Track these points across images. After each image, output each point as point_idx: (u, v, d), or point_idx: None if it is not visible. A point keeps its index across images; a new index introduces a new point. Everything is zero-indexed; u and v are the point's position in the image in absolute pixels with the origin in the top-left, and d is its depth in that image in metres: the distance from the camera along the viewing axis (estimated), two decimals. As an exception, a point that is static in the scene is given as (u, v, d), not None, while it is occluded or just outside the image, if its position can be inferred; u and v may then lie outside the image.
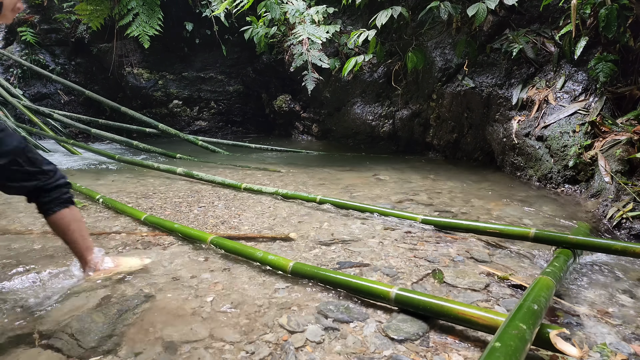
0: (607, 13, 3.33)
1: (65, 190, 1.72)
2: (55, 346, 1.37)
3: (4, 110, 6.48)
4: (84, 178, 4.07)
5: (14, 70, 7.34)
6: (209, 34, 7.40)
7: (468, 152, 5.19)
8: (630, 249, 1.90)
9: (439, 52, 5.13)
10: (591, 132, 3.47)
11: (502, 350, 1.08)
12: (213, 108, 8.10)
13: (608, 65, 3.48)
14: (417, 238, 2.41)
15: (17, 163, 1.58)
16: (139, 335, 1.43)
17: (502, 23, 4.64)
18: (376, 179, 4.12)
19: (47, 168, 1.67)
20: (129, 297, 1.68)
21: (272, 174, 4.33)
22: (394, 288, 1.59)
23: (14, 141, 1.58)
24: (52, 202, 1.68)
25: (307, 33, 5.29)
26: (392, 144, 6.14)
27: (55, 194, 1.69)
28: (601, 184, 3.12)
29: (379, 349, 1.36)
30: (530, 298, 1.37)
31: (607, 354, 1.32)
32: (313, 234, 2.48)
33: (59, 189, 1.70)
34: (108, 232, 2.48)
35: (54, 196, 1.69)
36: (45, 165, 1.67)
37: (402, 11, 4.55)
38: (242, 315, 1.56)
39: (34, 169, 1.63)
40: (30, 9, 7.61)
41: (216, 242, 2.20)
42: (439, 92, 5.12)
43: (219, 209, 3.01)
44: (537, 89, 4.15)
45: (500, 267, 2.03)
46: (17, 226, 2.59)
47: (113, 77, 7.64)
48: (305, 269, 1.84)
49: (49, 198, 1.68)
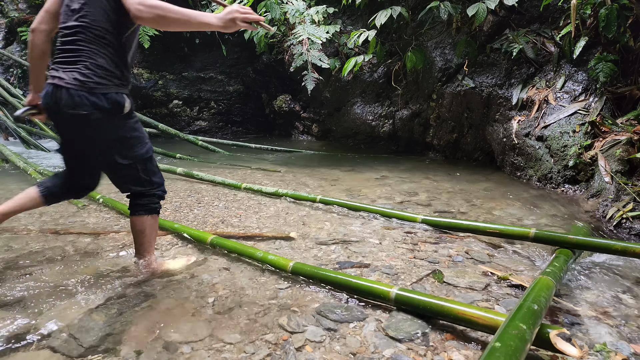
0: (607, 13, 3.33)
1: (157, 201, 1.88)
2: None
3: (4, 110, 6.47)
4: (84, 178, 4.07)
5: (14, 70, 7.34)
6: (209, 34, 7.40)
7: (468, 152, 5.19)
8: (630, 249, 1.90)
9: (439, 52, 5.13)
10: (591, 132, 3.47)
11: (502, 350, 1.08)
12: (213, 108, 8.10)
13: (608, 65, 3.48)
14: (417, 238, 2.41)
15: (135, 168, 1.78)
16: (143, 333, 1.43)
17: (502, 23, 4.64)
18: (376, 179, 4.12)
19: (155, 180, 1.86)
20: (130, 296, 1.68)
21: (272, 174, 4.33)
22: (394, 288, 1.59)
23: (142, 150, 1.79)
24: (143, 206, 1.85)
25: (307, 33, 5.29)
26: (392, 144, 6.14)
27: (148, 200, 1.85)
28: (601, 184, 3.12)
29: (379, 348, 1.36)
30: (530, 298, 1.37)
31: (607, 354, 1.32)
32: (313, 233, 2.48)
33: (153, 198, 1.87)
34: (108, 232, 2.48)
35: (146, 202, 1.85)
36: (154, 177, 1.86)
37: (401, 11, 4.55)
38: (242, 315, 1.56)
39: (145, 178, 1.83)
40: (30, 9, 7.60)
41: (216, 242, 2.20)
42: (439, 92, 5.12)
43: (219, 209, 3.01)
44: (537, 89, 4.15)
45: (500, 267, 2.03)
46: (16, 225, 2.59)
47: (113, 77, 7.63)
48: (305, 269, 1.84)
49: (142, 202, 1.85)
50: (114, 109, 1.66)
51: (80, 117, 1.62)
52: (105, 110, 1.64)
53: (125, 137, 1.74)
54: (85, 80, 1.61)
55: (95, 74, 1.63)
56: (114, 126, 1.70)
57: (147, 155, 1.81)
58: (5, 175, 4.19)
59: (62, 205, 3.07)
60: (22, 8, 7.62)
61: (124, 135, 1.73)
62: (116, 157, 1.74)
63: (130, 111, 1.74)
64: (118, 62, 1.69)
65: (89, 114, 1.62)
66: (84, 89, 1.61)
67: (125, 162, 1.75)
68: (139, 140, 1.78)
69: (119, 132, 1.72)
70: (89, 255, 2.14)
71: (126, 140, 1.74)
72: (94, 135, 1.70)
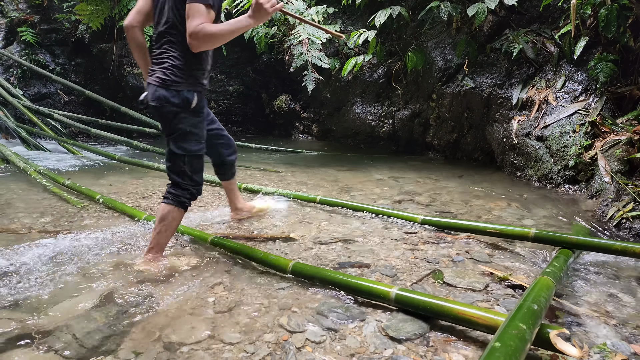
0: (607, 13, 3.33)
1: (188, 196, 2.05)
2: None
3: (4, 110, 6.48)
4: (84, 178, 4.07)
5: (14, 70, 7.34)
6: (209, 34, 7.40)
7: (468, 152, 5.19)
8: (630, 249, 1.90)
9: (439, 52, 5.13)
10: (591, 132, 3.47)
11: (502, 350, 1.08)
12: (213, 108, 8.10)
13: (608, 65, 3.48)
14: (417, 238, 2.41)
15: (183, 160, 2.01)
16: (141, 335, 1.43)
17: (502, 23, 4.64)
18: (376, 179, 4.12)
19: (195, 178, 2.07)
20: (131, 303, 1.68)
21: (272, 174, 4.33)
22: (394, 288, 1.59)
23: (195, 147, 2.02)
24: (174, 196, 2.03)
25: (307, 33, 5.30)
26: (392, 144, 6.14)
27: (180, 193, 2.03)
28: (601, 184, 3.12)
29: (379, 348, 1.36)
30: (530, 298, 1.37)
31: (607, 354, 1.33)
32: (313, 234, 2.48)
33: (185, 192, 2.04)
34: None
35: (178, 193, 2.03)
36: (195, 176, 2.07)
37: (401, 11, 4.55)
38: (242, 315, 1.56)
39: (187, 172, 2.03)
40: (30, 9, 7.61)
41: (216, 242, 2.20)
42: (439, 92, 5.12)
43: (219, 209, 3.01)
44: (537, 89, 4.15)
45: (500, 267, 2.03)
46: (16, 226, 2.59)
47: (113, 77, 7.64)
48: (305, 269, 1.84)
49: (175, 192, 2.03)
50: (183, 104, 1.94)
51: (157, 108, 1.95)
52: (175, 105, 1.93)
53: (185, 131, 1.98)
54: (165, 78, 1.91)
55: (173, 74, 1.92)
56: (179, 119, 1.96)
57: (198, 153, 2.04)
58: (5, 175, 4.20)
59: (62, 206, 3.07)
60: (22, 8, 7.62)
61: (185, 129, 1.98)
62: (173, 146, 1.99)
63: (196, 108, 1.98)
64: (192, 65, 1.96)
65: (163, 106, 1.93)
66: (163, 85, 1.92)
67: (178, 152, 1.99)
68: (195, 137, 2.02)
69: (179, 125, 1.97)
70: (89, 255, 2.15)
71: (185, 134, 1.99)
72: (166, 124, 1.99)
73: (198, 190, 2.09)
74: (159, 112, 1.97)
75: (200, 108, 2.02)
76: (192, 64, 1.95)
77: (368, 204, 2.96)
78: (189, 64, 1.94)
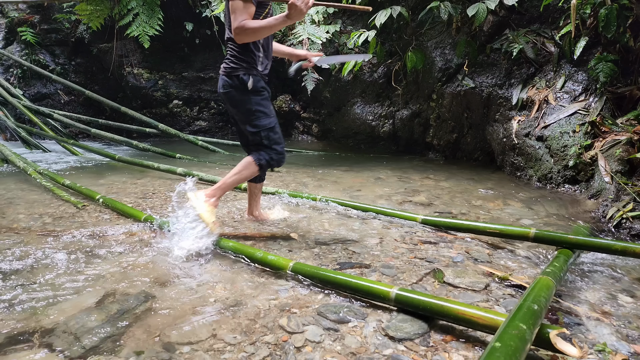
0: (607, 13, 3.33)
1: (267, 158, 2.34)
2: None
3: (4, 110, 6.47)
4: (84, 178, 4.07)
5: (14, 70, 7.34)
6: (209, 34, 7.39)
7: (468, 152, 5.19)
8: (630, 249, 1.90)
9: (439, 52, 5.13)
10: (591, 132, 3.47)
11: (502, 350, 1.08)
12: (213, 108, 8.10)
13: (608, 65, 3.48)
14: (417, 238, 2.41)
15: (259, 135, 2.31)
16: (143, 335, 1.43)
17: (502, 23, 4.64)
18: (376, 179, 4.12)
19: (275, 147, 2.34)
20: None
21: (272, 174, 4.33)
22: (394, 288, 1.59)
23: (265, 121, 2.31)
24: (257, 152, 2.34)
25: (307, 33, 5.30)
26: (392, 144, 6.14)
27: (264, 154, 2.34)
28: (601, 184, 3.12)
29: (378, 348, 1.36)
30: (530, 298, 1.37)
31: (607, 354, 1.33)
32: (313, 233, 2.48)
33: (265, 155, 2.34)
34: (108, 232, 2.48)
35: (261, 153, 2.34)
36: (275, 145, 2.34)
37: (401, 11, 4.55)
38: (242, 315, 1.56)
39: (266, 143, 2.33)
40: (30, 9, 7.61)
41: (216, 242, 2.20)
42: (439, 92, 5.12)
43: (219, 209, 3.01)
44: (537, 89, 4.15)
45: (500, 267, 2.03)
46: (17, 226, 2.60)
47: (113, 77, 7.63)
48: (305, 269, 1.84)
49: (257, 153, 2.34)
50: (240, 85, 2.24)
51: (224, 94, 2.31)
52: (235, 87, 2.25)
53: (251, 110, 2.28)
54: (226, 67, 2.28)
55: (232, 62, 2.26)
56: (242, 101, 2.28)
57: (270, 126, 2.31)
58: (5, 175, 4.20)
59: (62, 206, 3.07)
60: (22, 8, 7.62)
61: (250, 108, 2.28)
62: (246, 125, 2.31)
63: (254, 89, 2.26)
64: (244, 54, 2.25)
65: (228, 92, 2.28)
66: (225, 73, 2.28)
67: (252, 130, 2.30)
68: (263, 114, 2.30)
69: (246, 106, 2.28)
70: (89, 255, 2.15)
71: (252, 113, 2.29)
72: (232, 108, 2.34)
73: (279, 159, 2.37)
74: (227, 98, 2.31)
75: (259, 88, 2.28)
76: (244, 53, 2.25)
77: (368, 203, 2.96)
78: (241, 53, 2.24)
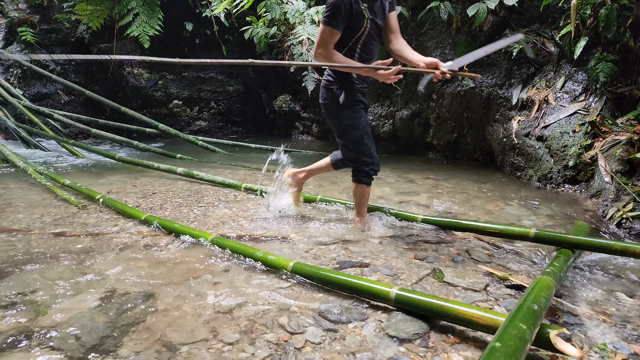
0: (607, 13, 3.33)
1: (363, 175, 2.47)
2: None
3: (4, 110, 6.47)
4: (84, 178, 4.07)
5: (14, 70, 7.33)
6: (209, 34, 7.40)
7: (468, 152, 5.19)
8: (630, 249, 1.90)
9: (439, 52, 5.13)
10: (591, 132, 3.47)
11: (502, 350, 1.08)
12: (213, 108, 8.10)
13: (608, 65, 3.48)
14: (417, 238, 2.41)
15: (347, 147, 2.44)
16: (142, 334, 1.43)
17: (502, 23, 4.63)
18: (376, 178, 4.11)
19: (363, 158, 2.43)
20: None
21: (272, 174, 4.32)
22: (394, 288, 1.59)
23: (354, 135, 2.39)
24: (354, 176, 2.50)
25: (307, 33, 5.30)
26: (392, 144, 6.14)
27: (356, 173, 2.48)
28: (601, 184, 3.12)
29: (379, 349, 1.36)
30: (530, 298, 1.37)
31: (607, 354, 1.33)
32: (313, 233, 2.48)
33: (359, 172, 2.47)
34: (108, 232, 2.48)
35: (355, 174, 2.49)
36: (363, 157, 2.43)
37: (402, 11, 4.55)
38: (242, 315, 1.56)
39: (354, 155, 2.44)
40: (30, 9, 7.61)
41: (216, 242, 2.20)
42: (439, 92, 5.12)
43: (219, 209, 3.01)
44: (537, 89, 4.15)
45: (500, 267, 2.03)
46: (17, 226, 2.60)
47: (113, 77, 7.63)
48: (305, 269, 1.84)
49: (354, 173, 2.50)
50: (333, 99, 2.36)
51: (321, 105, 2.47)
52: (330, 99, 2.38)
53: (341, 123, 2.40)
54: (325, 79, 2.43)
55: (330, 75, 2.39)
56: (334, 113, 2.40)
57: (357, 140, 2.39)
58: (5, 175, 4.20)
59: (62, 206, 3.07)
60: (22, 8, 7.62)
61: (340, 121, 2.40)
62: (338, 139, 2.45)
63: (346, 103, 2.34)
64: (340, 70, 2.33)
65: (324, 103, 2.44)
66: (323, 85, 2.44)
67: (340, 141, 2.44)
68: (352, 127, 2.38)
69: (337, 118, 2.40)
70: (89, 255, 2.15)
71: (341, 125, 2.41)
72: (327, 119, 2.49)
73: (372, 168, 2.45)
74: (324, 109, 2.47)
75: (352, 103, 2.35)
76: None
77: (368, 203, 2.95)
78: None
